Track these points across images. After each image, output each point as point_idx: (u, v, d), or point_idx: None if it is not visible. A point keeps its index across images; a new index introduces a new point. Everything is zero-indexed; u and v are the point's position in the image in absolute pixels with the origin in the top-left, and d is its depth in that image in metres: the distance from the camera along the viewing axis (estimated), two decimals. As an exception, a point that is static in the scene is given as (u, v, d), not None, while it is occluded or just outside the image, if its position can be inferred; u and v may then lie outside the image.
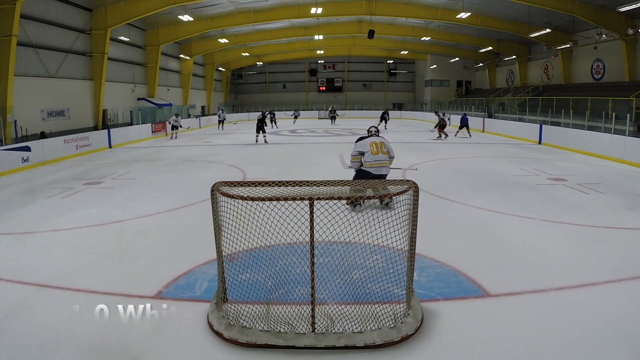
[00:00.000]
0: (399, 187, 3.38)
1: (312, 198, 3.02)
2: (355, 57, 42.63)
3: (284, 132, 23.29)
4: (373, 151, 6.37)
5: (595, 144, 12.87)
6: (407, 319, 3.19)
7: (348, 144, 16.61)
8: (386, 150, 6.49)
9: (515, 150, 14.25)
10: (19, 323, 3.36)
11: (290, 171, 10.40)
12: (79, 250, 5.00)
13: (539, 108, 20.45)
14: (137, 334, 3.19)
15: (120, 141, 17.21)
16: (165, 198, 7.62)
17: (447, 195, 7.53)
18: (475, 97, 31.93)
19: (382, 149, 6.42)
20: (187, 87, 31.58)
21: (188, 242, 5.25)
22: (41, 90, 16.49)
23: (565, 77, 25.52)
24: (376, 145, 6.44)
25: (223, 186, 3.22)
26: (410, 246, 3.35)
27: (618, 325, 3.25)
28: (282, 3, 23.41)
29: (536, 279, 4.05)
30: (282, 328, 3.11)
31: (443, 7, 23.22)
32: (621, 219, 6.09)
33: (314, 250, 3.14)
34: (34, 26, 16.03)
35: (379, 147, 6.43)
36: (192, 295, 3.81)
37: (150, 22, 24.08)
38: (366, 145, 6.46)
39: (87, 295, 3.82)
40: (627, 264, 4.41)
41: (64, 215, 6.56)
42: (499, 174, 9.70)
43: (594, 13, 19.50)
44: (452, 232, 5.59)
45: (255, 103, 42.70)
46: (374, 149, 6.39)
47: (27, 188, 8.84)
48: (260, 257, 3.87)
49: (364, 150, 6.43)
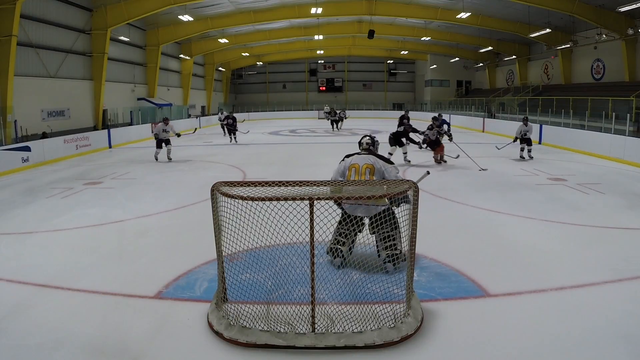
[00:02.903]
0: (399, 187, 3.38)
1: (312, 198, 3.02)
2: (355, 57, 42.63)
3: (284, 132, 23.29)
4: (350, 179, 4.24)
5: (595, 144, 12.87)
6: (407, 319, 3.19)
7: (349, 144, 16.64)
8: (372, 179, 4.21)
9: (515, 150, 14.24)
10: (19, 323, 3.36)
11: (290, 171, 10.40)
12: (79, 250, 4.99)
13: (539, 108, 20.45)
14: (137, 334, 3.19)
15: (120, 141, 17.20)
16: (165, 198, 7.62)
17: (447, 195, 7.53)
18: (475, 97, 31.93)
19: (364, 178, 4.20)
20: (187, 87, 31.58)
21: (188, 242, 5.24)
22: (41, 90, 16.49)
23: (565, 77, 25.52)
24: (356, 170, 4.28)
25: (223, 186, 3.22)
26: (410, 246, 3.35)
27: (618, 325, 3.25)
28: (282, 3, 23.41)
29: (536, 279, 4.05)
30: (282, 328, 3.11)
31: (443, 7, 23.21)
32: (621, 219, 6.09)
33: (314, 250, 3.14)
34: (34, 26, 16.03)
35: (359, 173, 4.25)
36: (192, 295, 3.81)
37: (150, 22, 24.08)
38: (344, 170, 4.39)
39: (87, 295, 3.82)
40: (627, 264, 4.40)
41: (64, 215, 6.56)
42: (499, 174, 9.70)
43: (594, 13, 19.50)
44: (452, 232, 5.58)
45: (255, 103, 42.74)
46: (351, 175, 4.28)
47: (27, 188, 8.83)
48: (260, 257, 3.87)
49: (341, 177, 4.39)
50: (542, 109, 20.30)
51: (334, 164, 5.00)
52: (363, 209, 4.13)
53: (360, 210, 4.14)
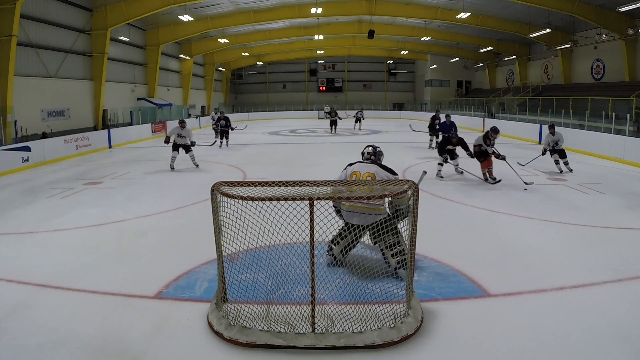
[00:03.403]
0: (399, 187, 3.38)
1: (312, 198, 3.02)
2: (355, 57, 42.60)
3: (284, 132, 23.30)
4: None
5: (595, 144, 12.87)
6: (407, 319, 3.19)
7: (349, 144, 16.67)
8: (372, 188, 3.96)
9: (515, 150, 14.24)
10: (19, 323, 3.36)
11: (290, 171, 10.39)
12: (79, 250, 5.00)
13: (539, 108, 20.44)
14: (137, 334, 3.19)
15: (120, 141, 17.21)
16: (165, 198, 7.62)
17: (447, 195, 7.53)
18: (475, 97, 31.92)
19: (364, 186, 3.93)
20: (187, 87, 31.57)
21: (188, 242, 5.25)
22: (41, 90, 16.48)
23: (565, 77, 25.51)
24: (357, 177, 4.24)
25: (223, 186, 3.22)
26: (410, 246, 3.35)
27: (618, 325, 3.25)
28: (282, 3, 23.41)
29: (536, 279, 4.05)
30: (282, 328, 3.12)
31: (443, 7, 23.21)
32: (621, 219, 6.09)
33: (314, 250, 3.14)
34: (34, 26, 16.02)
35: None
36: (192, 295, 3.81)
37: (150, 22, 24.07)
38: (345, 177, 4.38)
39: (87, 295, 3.82)
40: (627, 264, 4.41)
41: (64, 215, 6.56)
42: (499, 174, 9.69)
43: (594, 13, 19.50)
44: (452, 232, 5.58)
45: (255, 103, 42.72)
46: None
47: (27, 188, 8.83)
48: (260, 257, 3.87)
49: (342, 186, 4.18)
50: (542, 109, 20.30)
51: (334, 164, 5.00)
52: (359, 217, 4.10)
53: (356, 218, 4.11)
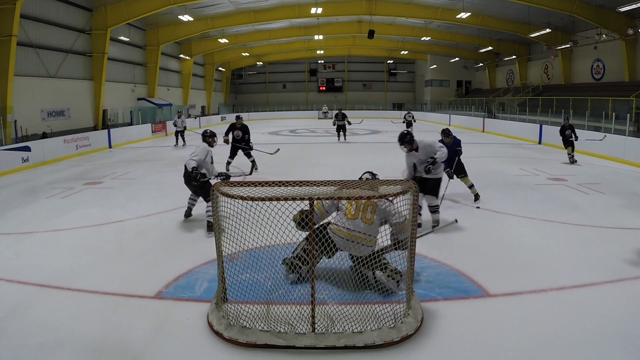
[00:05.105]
0: (399, 187, 3.38)
1: (312, 198, 3.03)
2: (355, 57, 42.61)
3: (284, 132, 23.29)
4: (349, 213, 3.82)
5: (595, 144, 12.86)
6: (407, 319, 3.19)
7: (349, 144, 16.67)
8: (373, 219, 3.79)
9: (515, 150, 14.25)
10: (19, 323, 3.36)
11: (290, 171, 10.39)
12: (79, 250, 4.99)
13: (539, 108, 20.45)
14: (137, 334, 3.19)
15: (120, 141, 17.20)
16: (165, 198, 7.62)
17: (447, 196, 7.52)
18: (475, 97, 31.93)
19: (365, 215, 3.79)
20: (187, 87, 31.57)
21: (188, 242, 5.25)
22: (41, 90, 16.48)
23: (565, 77, 25.52)
24: (358, 204, 3.86)
25: (223, 186, 3.23)
26: (410, 246, 3.35)
27: (618, 325, 3.25)
28: (282, 3, 23.41)
29: (536, 279, 4.05)
30: (282, 328, 3.12)
31: (443, 7, 23.21)
32: (621, 219, 6.09)
33: (314, 250, 3.14)
34: (34, 26, 16.02)
35: (360, 209, 3.82)
36: (192, 295, 3.81)
37: (150, 22, 24.07)
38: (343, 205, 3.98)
39: (87, 295, 3.82)
40: (627, 264, 4.41)
41: (64, 215, 6.56)
42: (499, 174, 9.70)
43: (594, 13, 19.50)
44: (452, 232, 5.58)
45: (255, 103, 42.73)
46: (351, 210, 3.83)
47: (27, 188, 8.83)
48: (260, 257, 3.87)
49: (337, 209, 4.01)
50: (542, 109, 20.31)
51: (334, 164, 4.99)
52: (356, 248, 3.76)
53: (354, 249, 3.77)
